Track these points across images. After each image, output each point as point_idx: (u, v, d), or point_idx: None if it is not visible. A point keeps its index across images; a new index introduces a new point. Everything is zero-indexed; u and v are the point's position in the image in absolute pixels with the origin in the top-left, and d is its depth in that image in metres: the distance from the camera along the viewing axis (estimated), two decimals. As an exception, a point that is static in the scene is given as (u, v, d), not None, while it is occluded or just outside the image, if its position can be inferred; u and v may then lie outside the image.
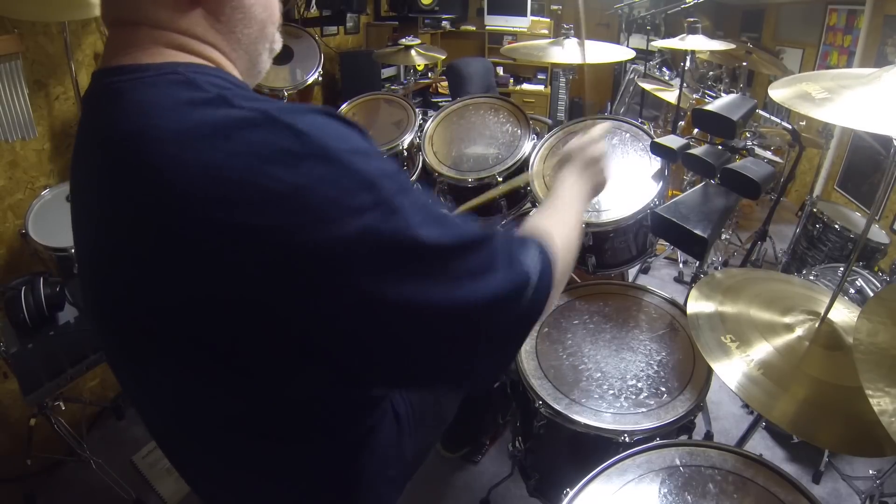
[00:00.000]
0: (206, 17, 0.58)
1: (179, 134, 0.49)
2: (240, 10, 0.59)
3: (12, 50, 1.55)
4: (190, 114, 0.50)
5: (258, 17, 0.61)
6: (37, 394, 1.44)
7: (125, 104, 0.52)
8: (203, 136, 0.48)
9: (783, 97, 0.89)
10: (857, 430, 0.85)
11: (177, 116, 0.50)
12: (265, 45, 0.65)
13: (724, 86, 3.44)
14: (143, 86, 0.53)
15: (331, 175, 0.48)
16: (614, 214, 1.37)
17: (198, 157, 0.48)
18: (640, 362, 1.22)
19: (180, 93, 0.52)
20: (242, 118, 0.50)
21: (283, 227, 0.47)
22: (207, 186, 0.47)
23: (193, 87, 0.52)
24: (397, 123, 2.06)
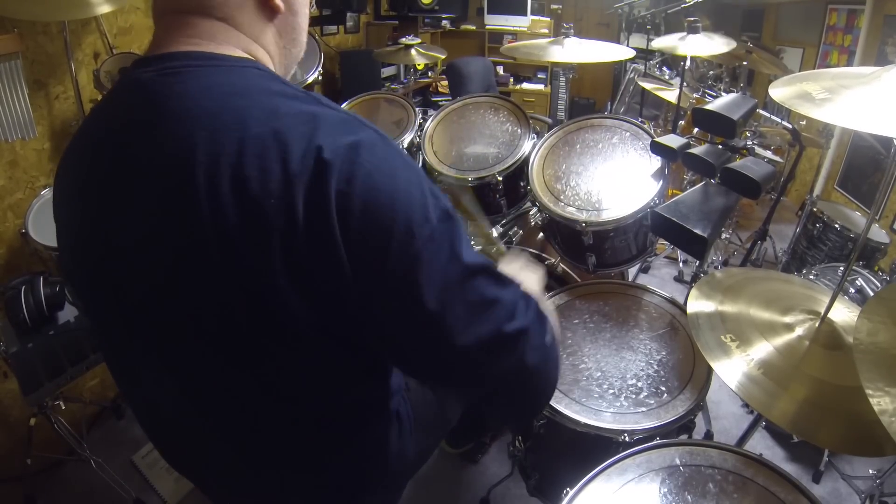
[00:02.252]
0: (275, 32, 0.62)
1: (284, 116, 0.51)
2: (296, 31, 0.66)
3: (12, 49, 1.55)
4: (286, 103, 0.53)
5: (301, 41, 0.68)
6: (37, 394, 1.44)
7: (209, 84, 0.53)
8: (309, 128, 0.51)
9: (783, 97, 0.89)
10: (857, 429, 0.85)
11: (276, 102, 0.53)
12: (294, 64, 0.70)
13: (724, 85, 3.44)
14: (226, 71, 0.55)
15: (408, 171, 0.55)
16: (614, 213, 1.37)
17: (305, 147, 0.50)
18: (640, 362, 1.22)
19: (269, 83, 0.55)
20: (341, 119, 0.54)
21: (372, 223, 0.51)
22: (316, 172, 0.49)
23: (279, 80, 0.57)
24: (397, 123, 2.06)
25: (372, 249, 0.51)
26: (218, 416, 0.65)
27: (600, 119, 1.60)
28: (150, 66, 0.55)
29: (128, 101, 0.57)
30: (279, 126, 0.50)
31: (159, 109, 0.52)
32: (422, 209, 0.54)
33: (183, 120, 0.51)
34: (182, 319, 0.56)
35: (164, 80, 0.53)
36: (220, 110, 0.51)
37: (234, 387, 0.61)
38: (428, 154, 1.79)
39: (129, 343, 0.64)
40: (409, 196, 0.54)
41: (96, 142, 0.59)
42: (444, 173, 1.73)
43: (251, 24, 0.59)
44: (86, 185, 0.60)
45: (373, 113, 2.15)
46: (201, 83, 0.53)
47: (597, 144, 1.54)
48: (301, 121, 0.51)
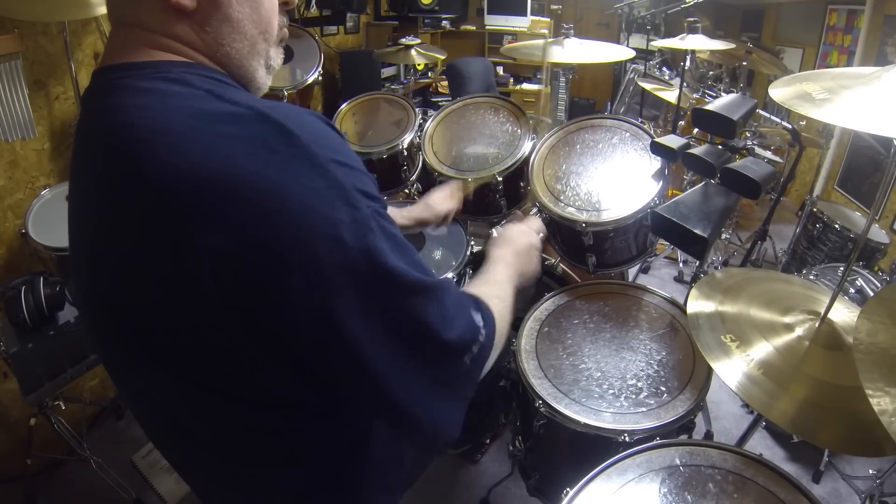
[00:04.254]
0: (193, 27, 0.58)
1: (166, 126, 0.50)
2: (227, 23, 0.59)
3: (12, 50, 1.55)
4: (179, 109, 0.51)
5: (248, 32, 0.61)
6: (37, 394, 1.44)
7: (118, 99, 0.53)
8: (190, 128, 0.49)
9: (783, 97, 0.89)
10: (857, 430, 0.85)
11: (165, 111, 0.51)
12: (259, 61, 0.64)
13: (724, 85, 3.44)
14: (136, 82, 0.54)
15: (313, 182, 0.48)
16: (614, 214, 1.37)
17: (185, 150, 0.48)
18: (640, 362, 1.22)
19: (172, 89, 0.53)
20: (231, 113, 0.50)
21: (257, 225, 0.47)
22: (194, 181, 0.47)
23: (184, 84, 0.53)
24: (397, 123, 2.06)
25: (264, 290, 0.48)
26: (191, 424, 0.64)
27: (600, 119, 1.60)
28: (95, 80, 0.58)
29: (84, 114, 0.60)
30: (163, 139, 0.49)
31: (96, 125, 0.56)
32: (329, 234, 0.48)
33: (96, 140, 0.55)
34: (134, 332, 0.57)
35: (95, 94, 0.57)
36: (118, 128, 0.52)
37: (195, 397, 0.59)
38: (428, 154, 1.79)
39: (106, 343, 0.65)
40: (309, 224, 0.48)
41: (76, 151, 0.62)
42: (444, 173, 1.73)
43: (161, 23, 0.57)
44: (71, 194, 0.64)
45: (373, 113, 2.15)
46: (117, 98, 0.54)
47: (597, 145, 1.54)
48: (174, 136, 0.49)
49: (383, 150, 1.96)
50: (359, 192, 0.51)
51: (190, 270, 0.48)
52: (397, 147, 1.96)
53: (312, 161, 0.49)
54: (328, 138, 0.52)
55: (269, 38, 0.64)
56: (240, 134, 0.49)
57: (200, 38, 0.59)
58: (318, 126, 0.53)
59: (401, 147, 1.96)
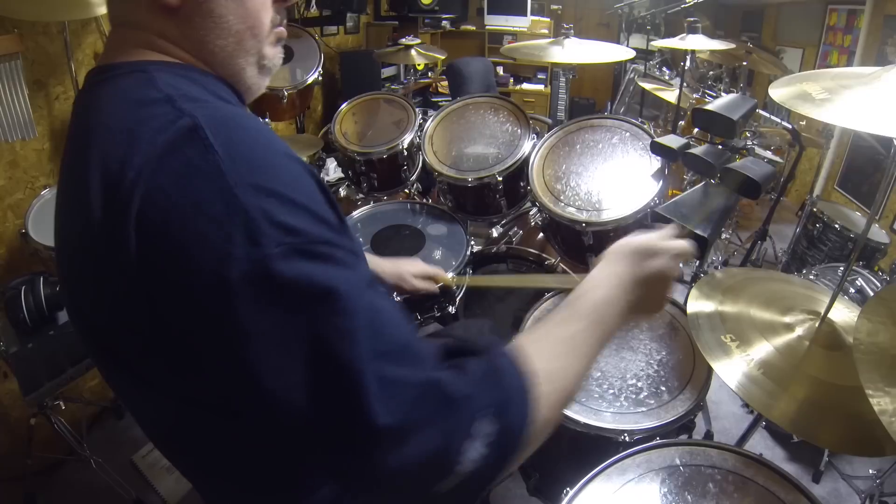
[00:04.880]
0: (178, 23, 0.56)
1: (113, 133, 0.49)
2: (210, 18, 0.56)
3: (12, 50, 1.55)
4: (132, 113, 0.49)
5: (233, 28, 0.57)
6: (37, 394, 1.44)
7: (92, 100, 0.54)
8: (131, 136, 0.47)
9: (783, 97, 0.89)
10: (857, 430, 0.85)
11: (119, 113, 0.50)
12: (248, 59, 0.60)
13: (724, 85, 3.44)
14: (109, 83, 0.54)
15: (214, 209, 0.42)
16: (614, 214, 1.37)
17: (117, 157, 0.47)
18: (640, 362, 1.22)
19: (134, 90, 0.52)
20: (169, 121, 0.47)
21: (157, 247, 0.43)
22: (116, 188, 0.45)
23: (149, 84, 0.51)
24: (397, 123, 2.06)
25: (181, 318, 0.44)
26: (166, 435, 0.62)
27: (600, 119, 1.60)
28: (85, 81, 0.58)
29: (71, 117, 0.60)
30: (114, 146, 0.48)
31: (74, 127, 0.56)
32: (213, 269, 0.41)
33: (77, 140, 0.54)
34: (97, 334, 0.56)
35: (81, 97, 0.57)
36: (83, 128, 0.53)
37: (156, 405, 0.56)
38: (428, 154, 1.79)
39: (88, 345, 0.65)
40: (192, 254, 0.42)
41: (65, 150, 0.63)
42: (444, 173, 1.73)
43: (149, 20, 0.56)
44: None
45: (373, 113, 2.15)
46: (91, 100, 0.54)
47: (597, 145, 1.54)
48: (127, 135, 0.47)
49: (383, 150, 1.96)
50: (274, 225, 0.42)
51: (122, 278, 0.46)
52: (397, 147, 1.96)
53: (220, 183, 0.43)
54: (265, 162, 0.46)
55: (259, 34, 0.60)
56: (167, 146, 0.45)
57: (186, 36, 0.57)
58: (260, 149, 0.47)
59: (401, 147, 1.96)
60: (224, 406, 0.48)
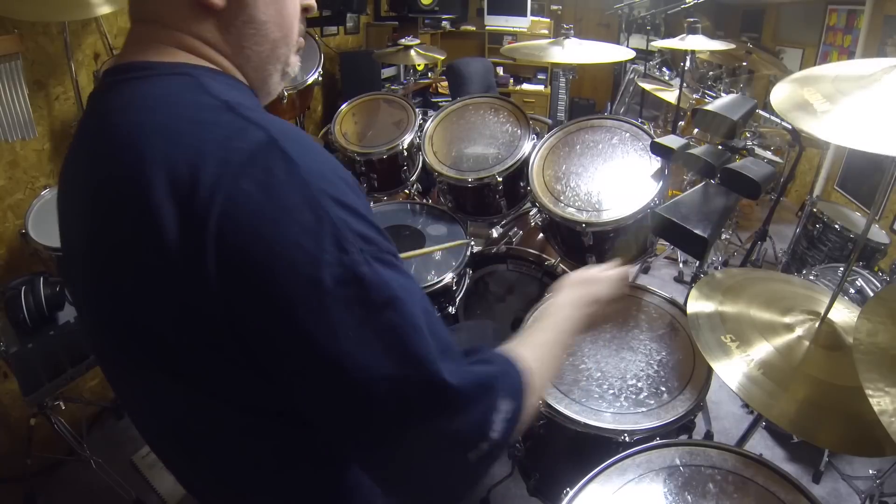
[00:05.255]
0: (219, 27, 0.57)
1: (176, 135, 0.49)
2: (252, 25, 0.58)
3: (12, 50, 1.55)
4: (191, 115, 0.50)
5: (271, 35, 0.60)
6: (37, 394, 1.44)
7: (131, 98, 0.52)
8: (198, 140, 0.48)
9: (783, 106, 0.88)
10: (857, 430, 0.85)
11: (178, 115, 0.50)
12: (277, 66, 0.63)
13: (724, 86, 3.44)
14: (150, 82, 0.53)
15: (305, 217, 0.46)
16: (614, 214, 1.37)
17: (186, 161, 0.47)
18: (640, 362, 1.22)
19: (187, 93, 0.52)
20: (238, 129, 0.49)
21: (247, 250, 0.45)
22: (191, 193, 0.46)
23: (201, 90, 0.52)
24: (397, 123, 2.06)
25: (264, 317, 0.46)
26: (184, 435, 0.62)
27: (600, 120, 1.60)
28: (106, 79, 0.56)
29: (89, 114, 0.58)
30: (179, 148, 0.48)
31: (101, 125, 0.54)
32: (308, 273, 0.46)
33: (110, 137, 0.52)
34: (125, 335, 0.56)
35: (104, 94, 0.55)
36: (128, 127, 0.51)
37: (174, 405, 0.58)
38: (428, 155, 1.79)
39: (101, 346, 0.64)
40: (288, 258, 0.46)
41: (75, 152, 0.61)
42: (444, 174, 1.73)
43: (187, 22, 0.55)
44: (63, 194, 0.63)
45: (373, 114, 2.15)
46: (124, 98, 0.52)
47: (597, 145, 1.54)
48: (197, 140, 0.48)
49: (383, 151, 1.96)
50: (355, 235, 0.48)
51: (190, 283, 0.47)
52: (397, 147, 1.96)
53: (306, 193, 0.47)
54: (332, 173, 0.51)
55: (290, 42, 0.63)
56: (246, 156, 0.47)
57: (224, 39, 0.58)
58: (327, 163, 0.51)
59: (401, 147, 1.96)
60: (290, 411, 0.53)
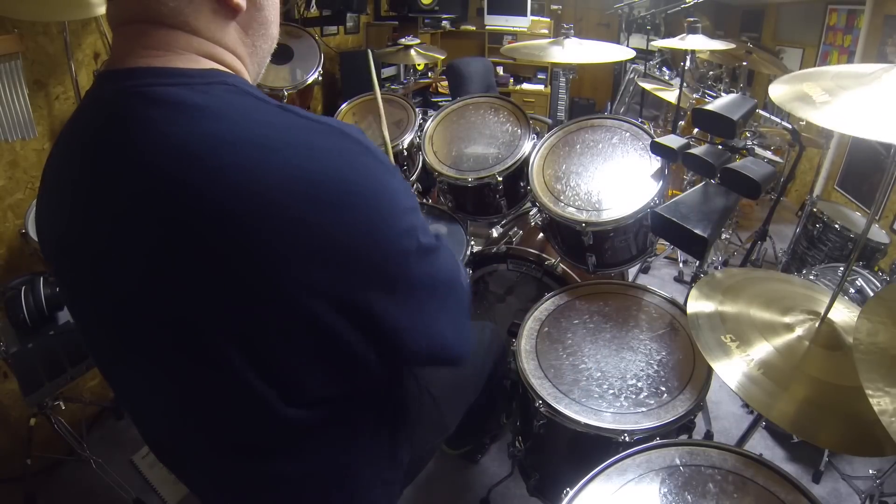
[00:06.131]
0: (238, 30, 0.61)
1: (260, 138, 0.51)
2: (264, 25, 0.64)
3: (12, 50, 1.55)
4: (261, 120, 0.53)
5: (272, 34, 0.66)
6: (37, 394, 1.44)
7: (180, 108, 0.51)
8: (284, 140, 0.52)
9: (783, 99, 0.89)
10: (857, 430, 0.85)
11: (249, 122, 0.52)
12: (267, 58, 0.69)
13: (724, 85, 3.44)
14: (196, 92, 0.53)
15: (397, 186, 0.59)
16: (614, 214, 1.37)
17: (285, 160, 0.51)
18: (640, 362, 1.22)
19: (242, 100, 0.55)
20: (310, 127, 0.55)
21: (361, 221, 0.54)
22: (296, 187, 0.51)
23: (250, 96, 0.56)
24: (397, 123, 2.06)
25: None
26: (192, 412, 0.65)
27: (600, 119, 1.60)
28: (113, 83, 0.54)
29: (96, 119, 0.56)
30: (248, 151, 0.51)
31: (128, 133, 0.52)
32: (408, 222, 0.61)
33: (149, 147, 0.51)
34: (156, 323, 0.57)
35: (128, 100, 0.53)
36: (189, 136, 0.50)
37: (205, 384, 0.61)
38: (428, 154, 1.79)
39: (108, 343, 0.64)
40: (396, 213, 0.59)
41: (73, 156, 0.59)
42: (444, 174, 1.73)
43: (209, 27, 0.56)
44: (65, 196, 0.61)
45: (373, 113, 2.15)
46: (175, 107, 0.52)
47: (597, 145, 1.54)
48: (269, 145, 0.52)
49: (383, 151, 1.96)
50: (411, 193, 0.63)
51: (291, 268, 0.52)
52: (397, 147, 1.96)
53: (388, 167, 0.59)
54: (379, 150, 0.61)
55: (277, 37, 0.69)
56: (328, 146, 0.54)
57: (241, 41, 0.62)
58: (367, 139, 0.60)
59: (401, 147, 1.96)
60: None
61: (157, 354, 0.60)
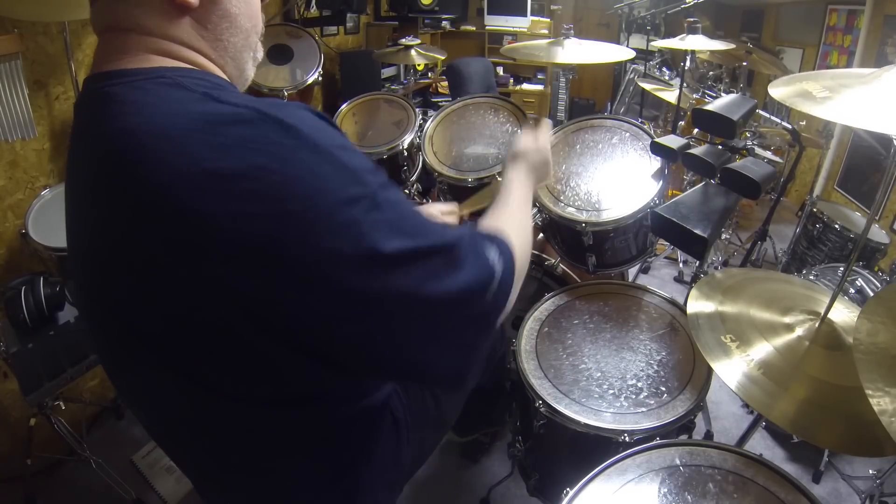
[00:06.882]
0: (194, 25, 0.60)
1: (169, 130, 0.50)
2: (226, 19, 0.62)
3: (12, 50, 1.55)
4: (179, 113, 0.51)
5: (243, 26, 0.64)
6: (37, 394, 1.44)
7: (116, 105, 0.53)
8: (192, 131, 0.49)
9: (783, 96, 0.89)
10: (857, 430, 0.85)
11: (166, 115, 0.51)
12: (249, 53, 0.68)
13: (724, 86, 3.44)
14: (133, 88, 0.54)
15: (322, 168, 0.50)
16: (614, 214, 1.37)
17: (189, 153, 0.48)
18: (640, 362, 1.22)
19: (169, 94, 0.54)
20: (231, 113, 0.51)
21: (277, 215, 0.48)
22: (200, 180, 0.48)
23: (181, 88, 0.54)
24: (397, 123, 2.06)
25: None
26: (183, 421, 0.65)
27: (600, 120, 1.60)
28: (86, 87, 0.58)
29: (76, 122, 0.60)
30: (160, 144, 0.49)
31: (86, 133, 0.56)
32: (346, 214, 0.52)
33: (94, 145, 0.54)
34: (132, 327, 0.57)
35: (88, 102, 0.57)
36: (115, 132, 0.52)
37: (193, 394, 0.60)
38: (428, 155, 1.79)
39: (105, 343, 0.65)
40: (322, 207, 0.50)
41: (70, 160, 0.62)
42: (444, 174, 1.73)
43: (161, 25, 0.57)
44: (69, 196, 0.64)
45: (373, 114, 2.15)
46: (111, 105, 0.53)
47: (597, 145, 1.54)
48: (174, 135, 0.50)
49: (383, 151, 1.96)
50: (362, 170, 0.53)
51: (203, 269, 0.49)
52: (397, 147, 1.96)
53: (316, 148, 0.51)
54: (325, 128, 0.54)
55: (258, 31, 0.68)
56: (243, 133, 0.50)
57: (200, 36, 0.60)
58: (314, 118, 0.54)
59: (401, 147, 1.97)
60: None
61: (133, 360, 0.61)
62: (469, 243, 0.61)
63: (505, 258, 0.65)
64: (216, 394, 0.58)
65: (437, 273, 0.56)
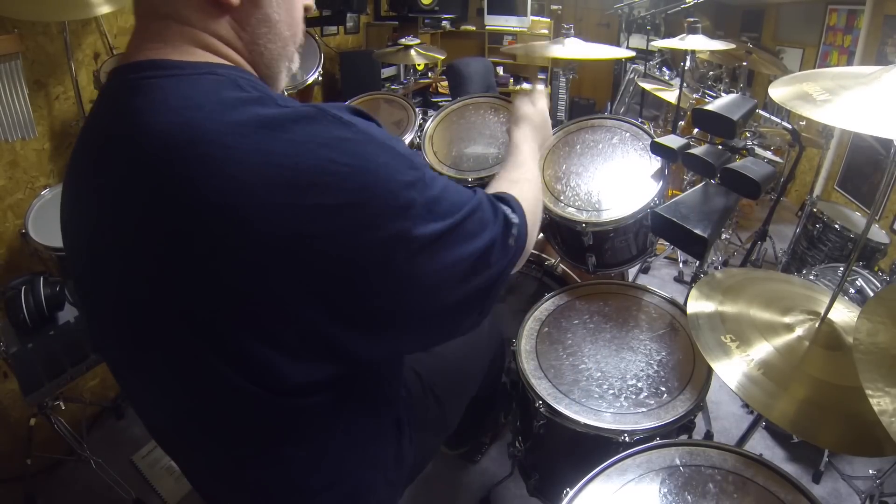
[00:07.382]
0: (233, 25, 0.59)
1: (236, 126, 0.50)
2: (266, 24, 0.61)
3: (12, 50, 1.55)
4: (241, 109, 0.52)
5: (282, 34, 0.64)
6: (37, 394, 1.43)
7: (167, 98, 0.52)
8: (261, 127, 0.50)
9: (783, 97, 0.89)
10: (857, 430, 0.85)
11: (229, 111, 0.51)
12: (285, 63, 0.67)
13: (724, 86, 3.44)
14: (184, 82, 0.54)
15: (383, 157, 0.55)
16: (614, 214, 1.37)
17: (259, 147, 0.50)
18: (640, 362, 1.22)
19: (226, 91, 0.54)
20: (295, 113, 0.53)
21: (353, 204, 0.51)
22: (273, 173, 0.49)
23: (237, 86, 0.55)
24: (397, 123, 2.06)
25: None
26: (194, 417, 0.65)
27: (600, 119, 1.60)
28: (121, 77, 0.56)
29: (105, 113, 0.58)
30: (227, 140, 0.50)
31: (121, 124, 0.54)
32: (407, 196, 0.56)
33: (138, 137, 0.52)
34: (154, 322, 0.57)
35: (128, 94, 0.54)
36: (172, 126, 0.51)
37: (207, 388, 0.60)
38: (428, 154, 1.79)
39: (113, 342, 0.65)
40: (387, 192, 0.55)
41: (87, 151, 0.60)
42: (444, 174, 1.73)
43: (199, 18, 0.57)
44: (77, 192, 0.62)
45: (373, 113, 2.14)
46: (161, 97, 0.53)
47: (597, 145, 1.54)
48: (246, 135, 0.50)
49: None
50: (411, 155, 0.58)
51: (280, 258, 0.51)
52: (397, 147, 1.96)
53: (374, 140, 0.55)
54: (370, 122, 0.59)
55: (297, 41, 0.67)
56: (310, 130, 0.52)
57: (238, 37, 0.60)
58: (358, 114, 0.58)
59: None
60: None
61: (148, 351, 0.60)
62: (488, 202, 0.67)
63: (519, 213, 0.71)
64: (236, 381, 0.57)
65: (473, 233, 0.62)
